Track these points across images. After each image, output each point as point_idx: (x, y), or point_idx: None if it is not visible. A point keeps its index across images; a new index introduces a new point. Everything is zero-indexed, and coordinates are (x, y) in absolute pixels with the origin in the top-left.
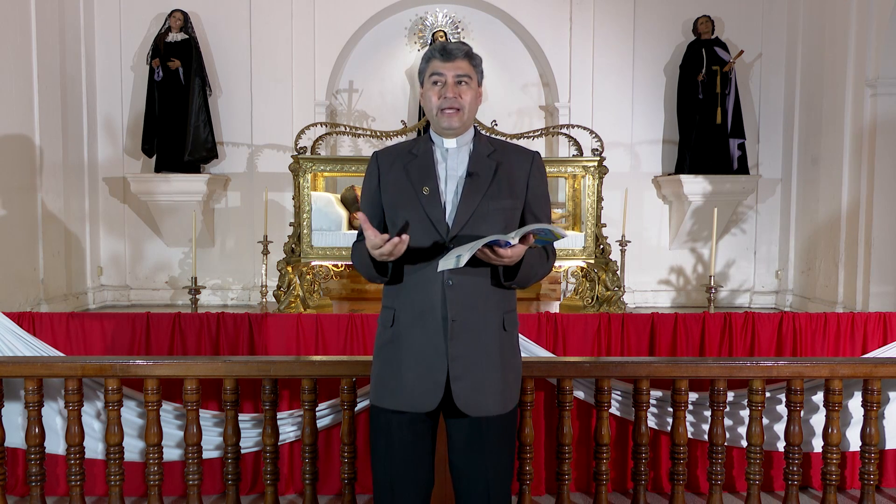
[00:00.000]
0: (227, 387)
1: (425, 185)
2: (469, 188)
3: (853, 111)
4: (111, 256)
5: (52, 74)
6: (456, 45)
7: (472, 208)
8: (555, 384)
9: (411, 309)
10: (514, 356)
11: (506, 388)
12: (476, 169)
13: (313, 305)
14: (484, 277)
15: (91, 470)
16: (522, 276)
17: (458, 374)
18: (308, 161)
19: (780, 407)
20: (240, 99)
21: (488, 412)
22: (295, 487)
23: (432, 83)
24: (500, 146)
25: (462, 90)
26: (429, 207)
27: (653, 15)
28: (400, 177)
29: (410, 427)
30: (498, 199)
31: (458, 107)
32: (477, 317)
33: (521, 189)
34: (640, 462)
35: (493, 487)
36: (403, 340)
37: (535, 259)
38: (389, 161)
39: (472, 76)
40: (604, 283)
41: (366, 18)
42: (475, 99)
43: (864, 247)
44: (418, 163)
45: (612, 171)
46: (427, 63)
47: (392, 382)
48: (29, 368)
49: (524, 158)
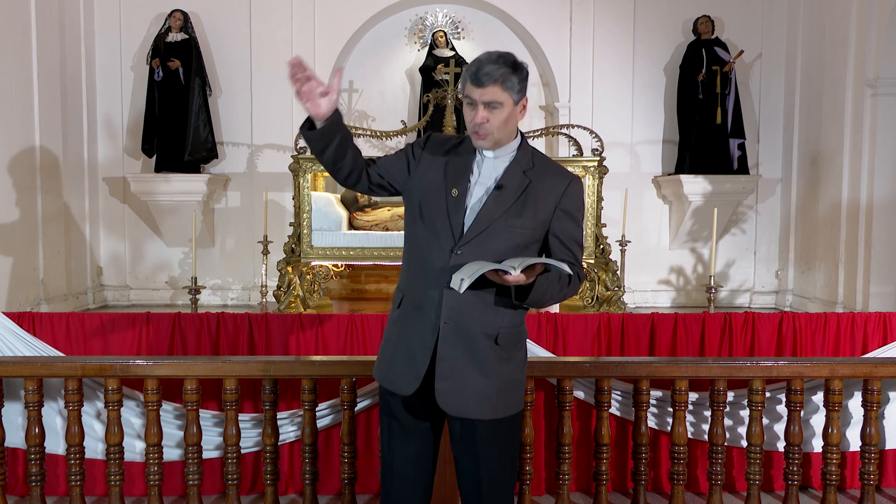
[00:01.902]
0: (228, 387)
1: (455, 187)
2: (494, 200)
3: (853, 111)
4: (111, 256)
5: (52, 74)
6: (488, 71)
7: (491, 221)
8: (555, 384)
9: (413, 298)
10: (510, 368)
11: (494, 397)
12: (506, 182)
13: (313, 305)
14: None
15: (91, 470)
16: (534, 297)
17: (443, 374)
18: (308, 161)
19: (780, 407)
20: (240, 99)
21: (468, 415)
22: (295, 487)
23: (467, 103)
24: (542, 164)
25: (493, 115)
26: (452, 209)
27: (653, 15)
28: (438, 171)
29: (411, 408)
30: (519, 217)
31: (482, 133)
32: (470, 324)
33: (547, 211)
34: (640, 462)
35: (486, 487)
36: (401, 326)
37: (550, 283)
38: (436, 149)
39: (504, 101)
40: (604, 283)
41: (366, 18)
42: (507, 120)
43: (864, 247)
44: (457, 162)
45: (612, 171)
46: (464, 84)
47: (385, 359)
48: (29, 368)
49: (560, 181)
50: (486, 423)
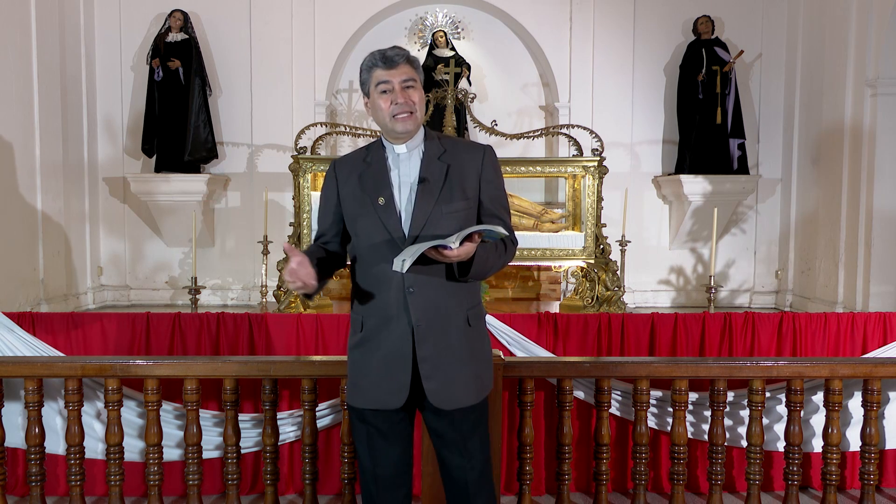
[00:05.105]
0: (227, 387)
1: (380, 195)
2: (421, 195)
3: (853, 111)
4: (111, 256)
5: (52, 74)
6: (396, 52)
7: (427, 215)
8: (555, 384)
9: (377, 315)
10: (482, 347)
11: (477, 379)
12: (427, 174)
13: (313, 305)
14: (442, 280)
15: (91, 470)
16: (476, 270)
17: (428, 374)
18: (308, 161)
19: (780, 407)
20: (240, 99)
21: (460, 404)
22: (295, 487)
23: (380, 92)
24: (451, 145)
25: (410, 94)
26: (384, 217)
27: (653, 15)
28: (356, 188)
29: (384, 416)
30: (450, 203)
31: (410, 110)
32: (441, 318)
33: (473, 187)
34: (640, 462)
35: (472, 473)
36: (371, 344)
37: (488, 253)
38: (346, 171)
39: (416, 78)
40: (604, 283)
41: (366, 18)
42: (422, 99)
43: (864, 247)
44: (372, 171)
45: (612, 171)
46: (370, 72)
47: (362, 383)
48: (29, 368)
49: (475, 155)
50: (463, 412)
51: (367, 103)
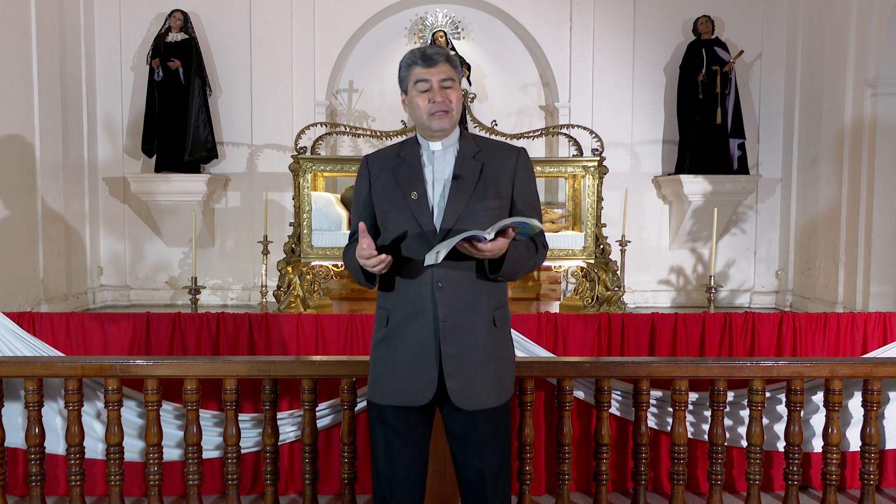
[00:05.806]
0: (227, 387)
1: (413, 190)
2: (455, 191)
3: (853, 111)
4: (111, 256)
5: (52, 74)
6: (435, 50)
7: (459, 211)
8: (555, 384)
9: (403, 310)
10: (506, 349)
11: (500, 381)
12: (461, 171)
13: (313, 305)
14: (471, 276)
15: (91, 470)
16: (508, 268)
17: (452, 372)
18: (308, 161)
19: (780, 407)
20: (240, 99)
21: (482, 405)
22: (295, 487)
23: (419, 90)
24: (486, 145)
25: (448, 93)
26: (417, 212)
27: (653, 15)
28: (389, 181)
29: (405, 416)
30: (483, 201)
31: (447, 109)
32: (467, 316)
33: (506, 187)
34: (640, 462)
35: (490, 477)
36: (396, 339)
37: (520, 252)
38: (379, 165)
39: (455, 78)
40: (604, 283)
41: (366, 18)
42: (459, 99)
43: (864, 247)
44: (406, 166)
45: (612, 171)
46: (409, 70)
47: (386, 380)
48: (29, 368)
49: (509, 156)
50: (486, 414)
51: (404, 100)
